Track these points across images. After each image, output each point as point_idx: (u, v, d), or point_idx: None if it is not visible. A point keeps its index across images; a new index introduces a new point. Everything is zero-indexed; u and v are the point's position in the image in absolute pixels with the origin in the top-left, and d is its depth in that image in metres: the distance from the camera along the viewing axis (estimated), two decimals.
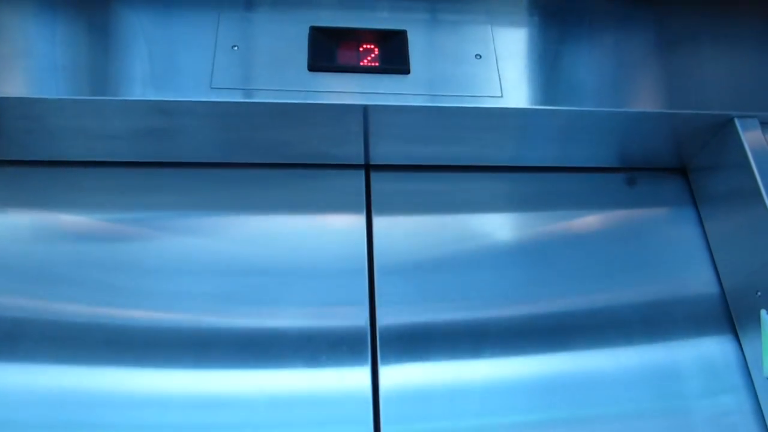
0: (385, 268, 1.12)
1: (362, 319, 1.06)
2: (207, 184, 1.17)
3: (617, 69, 1.14)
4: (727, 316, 1.14)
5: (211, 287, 1.07)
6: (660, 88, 1.13)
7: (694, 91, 1.13)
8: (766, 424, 1.04)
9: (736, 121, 1.12)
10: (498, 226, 1.19)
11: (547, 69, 1.13)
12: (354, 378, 1.01)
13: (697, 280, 1.17)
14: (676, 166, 1.28)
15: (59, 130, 1.08)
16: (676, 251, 1.20)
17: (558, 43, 1.16)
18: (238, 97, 1.02)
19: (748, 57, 1.19)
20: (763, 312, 1.03)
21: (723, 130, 1.14)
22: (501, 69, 1.11)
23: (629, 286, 1.15)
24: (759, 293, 1.05)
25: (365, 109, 1.06)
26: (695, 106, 1.12)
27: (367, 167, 1.21)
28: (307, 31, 1.09)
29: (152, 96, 1.02)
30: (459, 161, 1.21)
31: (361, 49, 1.10)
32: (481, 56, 1.11)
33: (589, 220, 1.22)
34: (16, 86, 1.01)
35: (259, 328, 1.04)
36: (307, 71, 1.06)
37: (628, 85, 1.12)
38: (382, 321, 1.07)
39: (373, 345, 1.04)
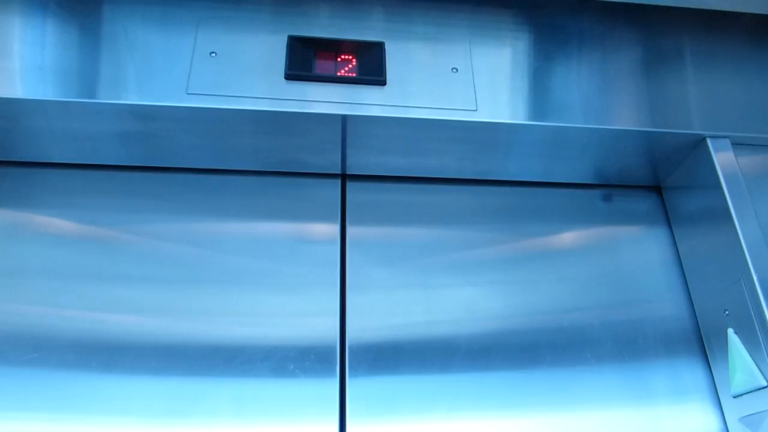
0: (357, 279, 1.12)
1: (332, 330, 1.06)
2: (184, 190, 1.17)
3: (594, 86, 1.16)
4: (696, 335, 1.15)
5: (182, 293, 1.07)
6: (636, 107, 1.15)
7: (670, 111, 1.15)
8: None
9: (708, 141, 1.13)
10: (472, 240, 1.19)
11: (524, 84, 1.14)
12: (321, 389, 1.01)
13: (668, 299, 1.18)
14: (652, 184, 1.29)
15: (39, 132, 1.08)
16: (649, 269, 1.20)
17: (536, 60, 1.18)
18: (213, 103, 1.03)
19: (722, 78, 1.20)
20: (730, 330, 1.04)
21: (696, 149, 1.16)
22: (477, 83, 1.12)
23: (601, 304, 1.16)
24: (727, 312, 1.06)
25: (344, 118, 1.06)
26: (670, 126, 1.13)
27: (343, 176, 1.22)
28: (286, 40, 1.10)
29: (131, 99, 1.02)
30: (435, 173, 1.22)
31: (338, 59, 1.11)
32: (457, 70, 1.13)
33: (563, 237, 1.23)
34: None
35: (228, 335, 1.04)
36: (284, 80, 1.07)
37: (604, 102, 1.14)
38: (351, 333, 1.06)
39: (342, 357, 1.04)
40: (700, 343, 1.13)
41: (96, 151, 1.13)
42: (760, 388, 0.96)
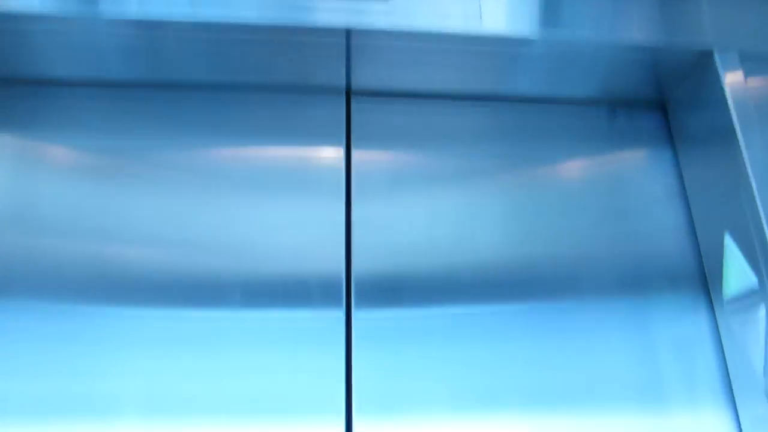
0: (362, 207, 1.13)
1: (338, 262, 1.08)
2: (189, 110, 1.17)
3: None
4: (700, 269, 1.15)
5: (185, 222, 1.09)
6: (642, 18, 1.12)
7: (677, 21, 1.12)
8: (732, 389, 1.07)
9: (716, 55, 1.11)
10: (477, 164, 1.19)
11: None
12: (327, 321, 1.04)
13: (671, 228, 1.18)
14: (656, 99, 1.28)
15: (43, 46, 1.08)
16: (652, 193, 1.21)
17: None
18: (218, 13, 1.02)
19: None
20: (726, 235, 1.05)
21: (702, 63, 1.14)
22: None
23: (605, 235, 1.16)
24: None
25: (347, 32, 1.06)
26: (676, 35, 1.12)
27: (348, 93, 1.22)
28: None
29: (134, 11, 1.02)
30: (441, 89, 1.22)
31: None
32: None
33: (567, 159, 1.23)
34: None
35: (239, 267, 1.07)
36: None
37: (610, 13, 1.11)
38: (357, 264, 1.09)
39: (348, 288, 1.07)
40: (704, 280, 1.15)
41: (104, 66, 1.13)
42: (753, 291, 0.98)
